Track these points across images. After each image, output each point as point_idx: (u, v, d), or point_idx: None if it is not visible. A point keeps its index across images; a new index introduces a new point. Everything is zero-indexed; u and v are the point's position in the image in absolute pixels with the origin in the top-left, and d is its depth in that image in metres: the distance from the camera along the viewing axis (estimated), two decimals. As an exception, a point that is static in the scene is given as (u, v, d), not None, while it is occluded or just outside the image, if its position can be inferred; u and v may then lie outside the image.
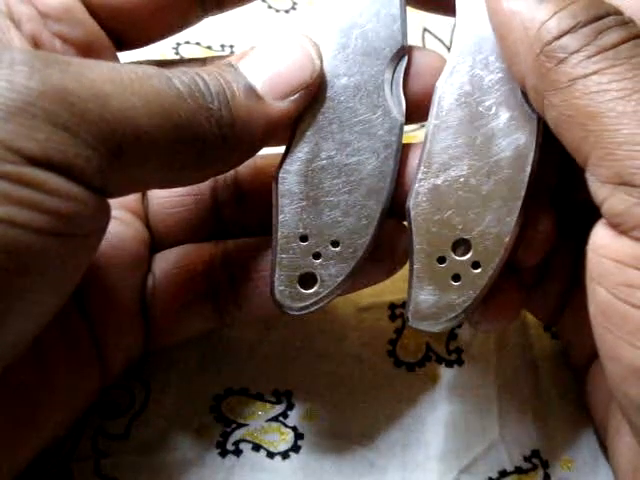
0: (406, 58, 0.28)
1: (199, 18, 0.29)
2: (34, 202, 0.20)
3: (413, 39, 0.43)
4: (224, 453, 0.31)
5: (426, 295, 0.27)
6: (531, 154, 0.26)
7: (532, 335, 0.34)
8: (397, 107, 0.28)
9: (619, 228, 0.22)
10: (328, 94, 0.28)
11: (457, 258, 0.27)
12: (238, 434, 0.31)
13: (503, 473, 0.32)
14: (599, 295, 0.23)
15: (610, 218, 0.22)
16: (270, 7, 0.43)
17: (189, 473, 0.31)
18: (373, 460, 0.31)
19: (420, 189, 0.27)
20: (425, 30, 0.43)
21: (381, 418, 0.32)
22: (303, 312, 0.28)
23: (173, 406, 0.32)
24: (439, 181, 0.27)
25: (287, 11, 0.43)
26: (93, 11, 0.27)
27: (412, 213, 0.27)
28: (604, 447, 0.31)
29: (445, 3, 0.28)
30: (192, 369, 0.32)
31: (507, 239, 0.26)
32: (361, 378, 0.33)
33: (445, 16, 0.29)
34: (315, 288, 0.28)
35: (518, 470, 0.32)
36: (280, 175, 0.28)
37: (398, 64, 0.28)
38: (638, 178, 0.21)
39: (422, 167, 0.27)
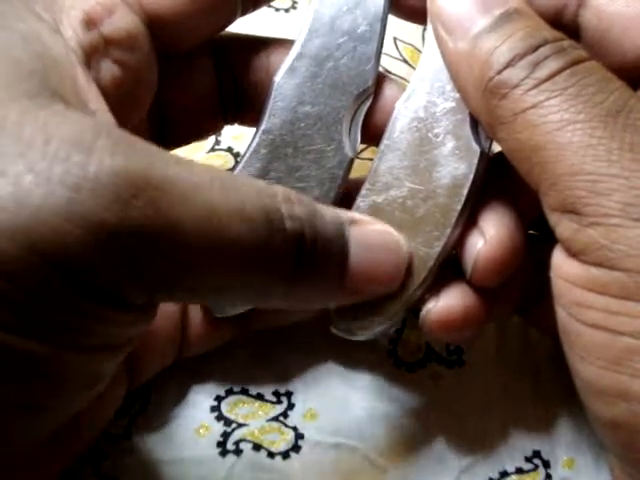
0: (371, 99, 0.29)
1: (234, 20, 0.29)
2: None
3: (414, 38, 0.43)
4: (224, 453, 0.31)
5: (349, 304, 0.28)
6: (467, 184, 0.27)
7: (533, 335, 0.34)
8: (351, 143, 0.29)
9: (570, 252, 0.23)
10: (290, 118, 0.29)
11: None
12: (238, 434, 0.31)
13: (504, 474, 0.32)
14: (558, 314, 0.24)
15: (561, 242, 0.24)
16: (270, 6, 0.43)
17: (189, 473, 0.30)
18: (373, 460, 0.31)
19: (361, 204, 0.28)
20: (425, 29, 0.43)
21: (381, 418, 0.32)
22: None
23: (173, 406, 0.32)
24: (380, 199, 0.28)
25: (287, 10, 0.43)
26: (151, 28, 0.26)
27: None
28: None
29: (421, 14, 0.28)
30: (192, 369, 0.32)
31: (431, 263, 0.27)
32: (361, 378, 0.33)
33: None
34: None
35: (519, 470, 0.32)
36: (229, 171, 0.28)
37: (362, 103, 0.29)
38: (580, 206, 0.22)
39: (367, 184, 0.28)
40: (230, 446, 0.31)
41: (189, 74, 0.30)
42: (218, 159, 0.38)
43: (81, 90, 0.23)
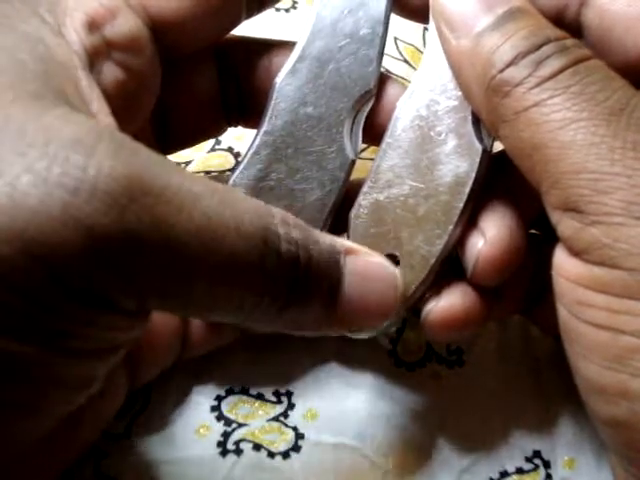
0: (373, 100, 0.29)
1: (239, 23, 0.29)
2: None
3: (414, 38, 0.43)
4: (225, 453, 0.31)
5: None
6: (469, 182, 0.27)
7: (533, 335, 0.34)
8: (352, 145, 0.29)
9: (571, 251, 0.23)
10: (291, 119, 0.29)
11: None
12: (239, 434, 0.31)
13: (504, 474, 0.32)
14: (560, 312, 0.24)
15: (563, 241, 0.24)
16: (270, 6, 0.43)
17: (189, 473, 0.30)
18: (373, 460, 0.31)
19: (363, 202, 0.28)
20: (425, 29, 0.44)
21: (382, 418, 0.32)
22: None
23: (174, 406, 0.32)
24: (381, 197, 0.28)
25: (287, 10, 0.43)
26: (155, 32, 0.26)
27: (352, 223, 0.29)
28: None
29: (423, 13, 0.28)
30: (193, 369, 0.32)
31: (433, 260, 0.27)
32: (362, 378, 0.33)
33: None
34: None
35: (519, 470, 0.32)
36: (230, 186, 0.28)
37: (363, 105, 0.29)
38: (582, 204, 0.22)
39: (369, 182, 0.28)
40: (230, 446, 0.31)
41: (192, 77, 0.30)
42: (218, 158, 0.38)
43: (83, 93, 0.23)
